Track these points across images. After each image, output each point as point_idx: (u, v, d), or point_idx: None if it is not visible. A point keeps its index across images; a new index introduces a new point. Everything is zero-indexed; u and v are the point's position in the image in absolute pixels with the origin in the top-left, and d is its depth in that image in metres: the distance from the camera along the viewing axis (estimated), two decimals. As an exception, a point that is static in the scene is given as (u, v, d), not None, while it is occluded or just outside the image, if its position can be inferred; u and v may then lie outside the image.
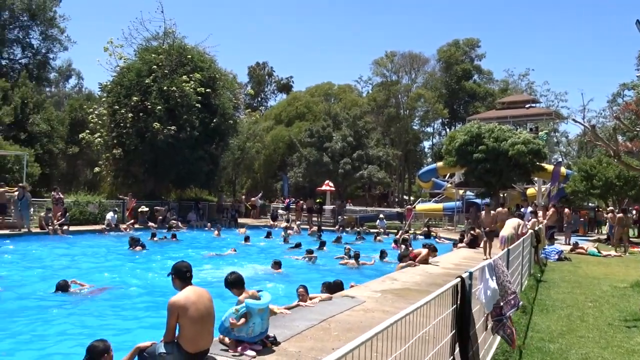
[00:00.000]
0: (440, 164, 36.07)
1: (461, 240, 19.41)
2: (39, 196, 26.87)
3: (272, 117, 57.34)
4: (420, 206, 39.24)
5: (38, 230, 20.04)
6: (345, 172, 39.89)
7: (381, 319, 6.86)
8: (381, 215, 29.10)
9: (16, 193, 19.90)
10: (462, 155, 27.76)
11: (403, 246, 15.97)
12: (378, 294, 8.68)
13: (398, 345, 2.87)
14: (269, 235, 22.26)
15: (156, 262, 14.66)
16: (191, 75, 27.53)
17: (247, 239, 20.29)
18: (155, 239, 19.22)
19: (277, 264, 12.98)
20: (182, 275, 4.98)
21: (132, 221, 23.66)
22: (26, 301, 9.34)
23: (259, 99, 73.63)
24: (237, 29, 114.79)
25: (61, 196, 22.24)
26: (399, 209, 37.93)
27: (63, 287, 9.70)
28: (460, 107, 67.02)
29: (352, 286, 9.65)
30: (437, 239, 23.09)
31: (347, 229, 27.51)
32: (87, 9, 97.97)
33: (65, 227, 20.46)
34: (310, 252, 16.13)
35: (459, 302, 4.04)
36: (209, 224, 26.00)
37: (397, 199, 58.15)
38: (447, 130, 64.62)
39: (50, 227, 19.94)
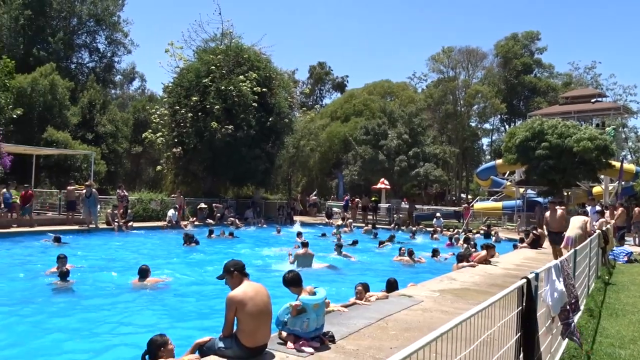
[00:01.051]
0: (499, 161, 35.04)
1: (522, 241, 18.78)
2: (105, 193, 28.13)
3: (327, 114, 57.42)
4: (478, 205, 38.30)
5: (105, 226, 20.97)
6: (400, 170, 39.50)
7: (440, 319, 6.74)
8: (438, 214, 28.61)
9: (84, 191, 20.89)
10: (524, 152, 26.84)
11: (465, 245, 15.58)
12: (436, 294, 8.51)
13: (461, 347, 2.78)
14: (323, 235, 22.17)
15: (213, 258, 15.00)
16: (247, 75, 28.00)
17: (299, 234, 20.54)
18: (212, 236, 19.65)
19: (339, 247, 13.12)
20: (238, 271, 5.05)
21: (193, 219, 24.34)
22: (95, 292, 9.79)
23: (315, 97, 74.18)
24: (298, 29, 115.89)
25: (126, 193, 23.19)
26: (456, 208, 37.15)
27: (145, 271, 10.17)
28: (520, 102, 64.83)
29: (411, 285, 9.52)
30: (495, 239, 22.42)
31: (403, 228, 27.20)
32: (149, 12, 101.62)
33: (130, 224, 21.29)
34: (382, 243, 16.37)
35: (524, 304, 3.88)
36: (263, 220, 26.49)
37: (454, 198, 56.99)
38: (506, 126, 62.65)
39: (115, 223, 20.81)
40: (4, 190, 19.08)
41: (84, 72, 49.40)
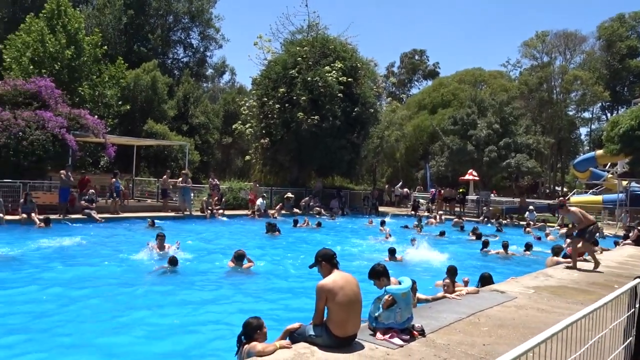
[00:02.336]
0: (600, 152, 32.74)
1: (626, 237, 17.48)
2: (198, 182, 29.52)
3: (415, 104, 56.38)
4: (575, 198, 36.04)
5: (198, 213, 22.03)
6: (490, 161, 38.05)
7: (535, 317, 6.43)
8: (531, 207, 27.31)
9: (180, 179, 22.04)
10: (628, 142, 24.89)
11: (569, 240, 14.71)
12: (531, 291, 8.12)
13: (568, 350, 2.62)
14: (405, 227, 21.88)
15: (300, 247, 15.29)
16: (333, 65, 28.12)
17: (382, 223, 20.58)
18: (298, 225, 20.00)
19: (391, 252, 12.87)
20: (329, 260, 5.09)
21: (278, 206, 24.95)
22: (191, 275, 10.33)
23: (404, 87, 73.08)
24: (390, 15, 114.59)
25: (217, 182, 24.20)
26: (550, 201, 35.21)
27: (241, 256, 10.64)
28: (625, 88, 60.03)
29: (512, 280, 9.17)
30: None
31: (492, 221, 26.24)
32: (239, 8, 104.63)
33: (221, 211, 22.21)
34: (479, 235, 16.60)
35: (638, 306, 3.59)
36: (348, 211, 26.64)
37: (547, 190, 54.05)
38: (609, 115, 58.30)
39: (208, 211, 21.79)
40: (114, 179, 20.62)
41: (179, 67, 51.94)
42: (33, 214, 16.90)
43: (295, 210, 25.21)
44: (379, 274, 5.52)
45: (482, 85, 57.24)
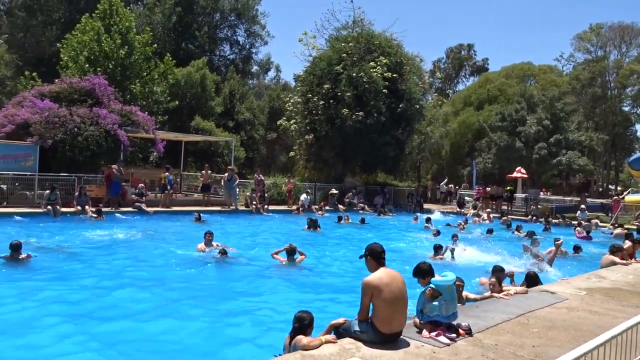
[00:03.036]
0: (658, 149, 31.28)
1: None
2: (243, 178, 29.97)
3: (460, 100, 55.36)
4: (630, 197, 34.55)
5: (243, 208, 22.40)
6: (539, 158, 37.00)
7: (588, 319, 6.24)
8: (583, 206, 26.35)
9: (226, 174, 22.45)
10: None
11: (628, 242, 14.15)
12: (583, 292, 7.87)
13: (626, 355, 2.54)
14: (448, 225, 21.37)
15: (343, 243, 15.31)
16: (378, 60, 27.94)
17: (428, 220, 20.39)
18: (342, 221, 20.01)
19: (436, 250, 12.74)
20: (376, 256, 5.09)
21: (322, 203, 25.04)
22: (239, 268, 10.55)
23: (450, 82, 71.75)
24: (436, 9, 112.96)
25: (262, 178, 24.52)
26: (603, 200, 33.91)
27: (292, 251, 10.80)
28: (687, 83, 56.97)
29: (563, 280, 8.92)
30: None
31: (541, 220, 25.48)
32: (284, 4, 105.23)
33: (265, 206, 22.49)
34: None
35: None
36: (392, 208, 26.47)
37: (600, 189, 52.08)
38: (668, 110, 55.53)
39: (253, 206, 22.11)
40: (167, 173, 21.26)
41: (226, 64, 52.78)
42: (87, 207, 17.60)
43: (339, 206, 25.24)
44: (423, 273, 5.48)
45: (531, 81, 55.61)
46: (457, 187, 36.14)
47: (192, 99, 37.49)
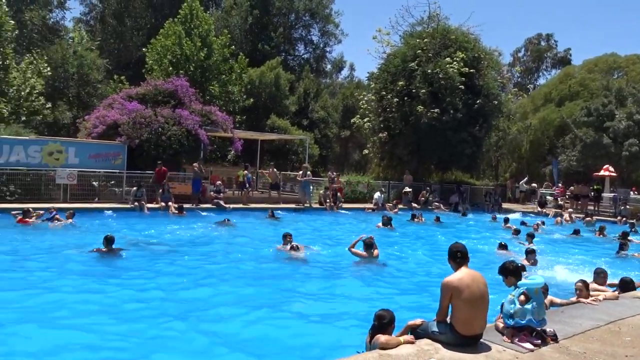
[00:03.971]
0: None
1: None
2: (317, 176, 30.29)
3: (540, 96, 52.84)
4: None
5: (317, 205, 22.64)
6: (630, 155, 34.54)
7: (689, 330, 5.77)
8: (679, 207, 24.42)
9: (301, 172, 22.78)
10: None
11: None
12: (682, 301, 7.30)
13: None
14: (523, 224, 20.29)
15: (416, 242, 15.10)
16: (454, 56, 27.28)
17: (506, 220, 19.75)
18: (415, 220, 19.71)
19: (502, 246, 12.27)
20: (458, 256, 4.99)
21: (395, 201, 24.82)
22: (322, 265, 10.70)
23: (530, 76, 68.55)
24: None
25: (336, 175, 24.62)
26: None
27: (370, 244, 10.83)
28: None
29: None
30: None
31: (631, 221, 23.82)
32: (357, 2, 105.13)
33: (339, 204, 22.61)
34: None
35: None
36: (469, 207, 25.76)
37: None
38: None
39: (327, 203, 22.30)
40: (245, 171, 21.95)
41: (300, 63, 53.52)
42: (170, 203, 18.49)
43: (414, 204, 24.91)
44: (507, 272, 5.31)
45: (618, 73, 52.06)
46: (538, 185, 34.60)
47: (267, 98, 38.37)
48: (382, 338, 4.80)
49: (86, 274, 8.92)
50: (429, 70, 26.93)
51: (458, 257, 4.99)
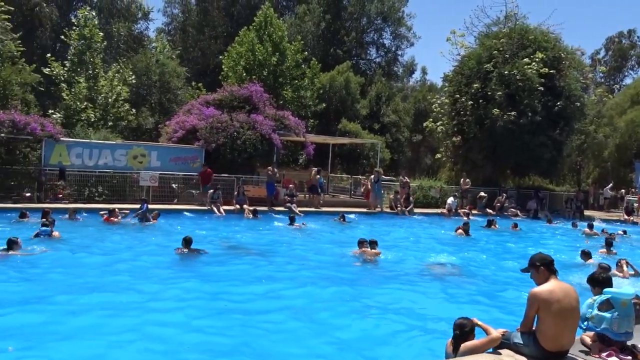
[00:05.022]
0: None
1: None
2: (388, 180, 30.09)
3: (627, 98, 49.63)
4: None
5: (388, 210, 22.48)
6: None
7: None
8: None
9: (372, 176, 22.73)
10: None
11: None
12: None
13: None
14: (604, 232, 18.82)
15: (492, 249, 14.63)
16: (533, 56, 26.26)
17: (590, 227, 18.72)
18: (491, 226, 19.07)
19: (586, 254, 11.61)
20: (548, 266, 4.76)
21: (468, 207, 24.20)
22: (394, 270, 10.62)
23: (615, 76, 64.59)
24: None
25: (407, 180, 24.38)
26: None
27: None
28: None
29: None
30: None
31: None
32: (430, 4, 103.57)
33: (410, 208, 22.33)
34: None
35: None
36: (549, 214, 24.59)
37: None
38: None
39: (398, 208, 22.09)
40: (318, 176, 22.21)
41: (372, 67, 53.47)
42: (245, 205, 19.01)
43: (488, 210, 24.16)
44: (596, 282, 5.04)
45: None
46: (624, 192, 32.51)
47: (338, 102, 38.61)
48: (469, 344, 4.70)
49: (171, 273, 9.37)
50: (506, 72, 26.08)
51: (546, 267, 4.74)
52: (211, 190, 19.14)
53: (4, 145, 17.83)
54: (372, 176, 22.83)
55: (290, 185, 21.59)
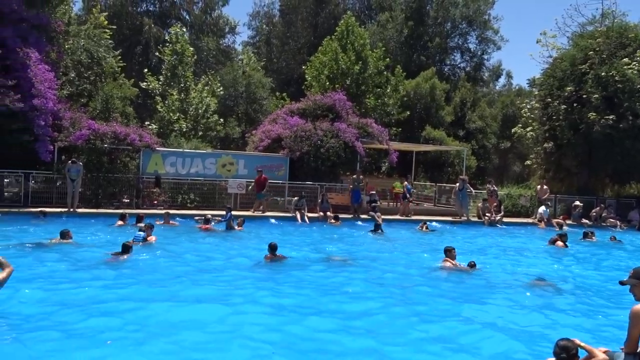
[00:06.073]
0: None
1: None
2: (474, 188, 29.15)
3: None
4: None
5: (475, 219, 21.79)
6: None
7: None
8: None
9: (458, 184, 22.16)
10: None
11: None
12: None
13: None
14: None
15: (590, 262, 13.72)
16: (633, 56, 24.51)
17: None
18: (587, 238, 17.84)
19: None
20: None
21: (562, 217, 22.91)
22: (484, 281, 10.27)
23: None
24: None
25: (495, 188, 23.53)
26: None
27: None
28: None
29: None
30: None
31: None
32: (517, 5, 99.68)
33: (498, 218, 21.49)
34: None
35: None
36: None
37: None
38: None
39: (486, 218, 21.35)
40: (406, 182, 22.07)
41: (456, 72, 52.25)
42: (328, 212, 19.21)
43: (584, 220, 22.72)
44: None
45: None
46: None
47: (422, 109, 38.09)
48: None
49: (263, 278, 9.68)
50: (603, 73, 24.49)
51: None
52: (295, 198, 19.50)
53: (107, 154, 19.23)
54: (457, 184, 22.25)
55: (373, 192, 21.51)
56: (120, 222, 15.20)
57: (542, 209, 22.34)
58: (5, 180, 18.85)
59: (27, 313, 6.72)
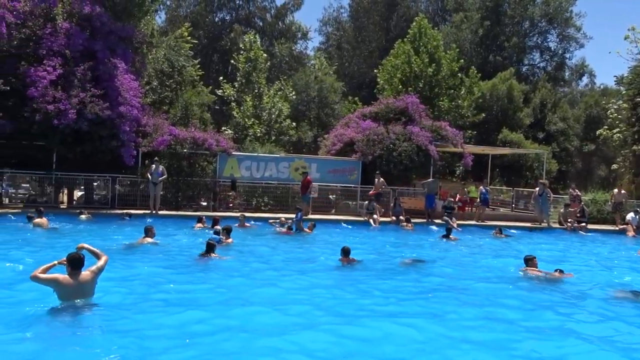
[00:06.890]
0: None
1: None
2: (555, 193, 27.77)
3: None
4: None
5: (556, 225, 20.74)
6: None
7: None
8: None
9: (537, 189, 21.20)
10: None
11: None
12: None
13: None
14: None
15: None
16: None
17: None
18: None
19: None
20: None
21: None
22: (573, 293, 9.63)
23: None
24: None
25: (578, 193, 22.32)
26: None
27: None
28: None
29: None
30: None
31: None
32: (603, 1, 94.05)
33: (583, 225, 20.31)
34: None
35: None
36: None
37: None
38: None
39: (568, 224, 20.27)
40: (481, 187, 21.45)
41: (535, 72, 50.17)
42: (401, 217, 18.96)
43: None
44: None
45: None
46: None
47: (498, 111, 36.85)
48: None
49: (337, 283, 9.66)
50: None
51: None
52: (366, 202, 19.41)
53: (186, 159, 20.03)
54: (537, 189, 21.29)
55: (450, 199, 20.99)
56: (199, 225, 15.74)
57: (630, 215, 20.89)
58: (95, 183, 20.08)
59: (121, 305, 7.10)
